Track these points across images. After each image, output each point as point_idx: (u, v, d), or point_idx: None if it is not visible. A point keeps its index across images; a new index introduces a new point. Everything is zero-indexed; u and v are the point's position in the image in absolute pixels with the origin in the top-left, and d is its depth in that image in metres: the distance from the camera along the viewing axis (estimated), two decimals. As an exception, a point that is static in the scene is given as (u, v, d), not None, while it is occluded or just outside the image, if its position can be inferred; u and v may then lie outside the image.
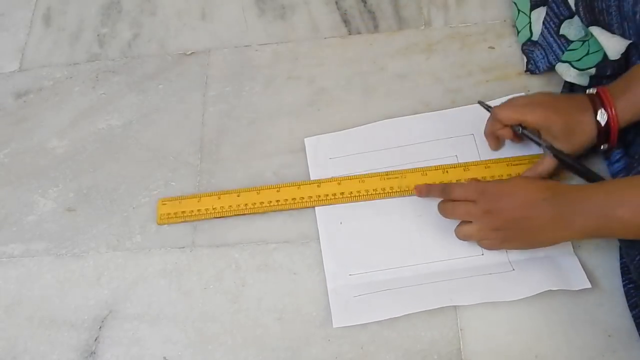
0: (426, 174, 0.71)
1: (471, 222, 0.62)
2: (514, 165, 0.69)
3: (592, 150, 0.65)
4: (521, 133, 0.65)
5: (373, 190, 0.71)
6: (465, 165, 0.71)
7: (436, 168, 0.71)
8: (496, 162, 0.70)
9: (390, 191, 0.70)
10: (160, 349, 0.67)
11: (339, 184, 0.72)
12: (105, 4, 0.93)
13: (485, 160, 0.71)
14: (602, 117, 0.60)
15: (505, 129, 0.67)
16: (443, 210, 0.65)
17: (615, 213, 0.53)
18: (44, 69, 0.88)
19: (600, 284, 0.63)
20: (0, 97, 0.87)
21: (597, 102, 0.61)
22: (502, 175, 0.69)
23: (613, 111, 0.60)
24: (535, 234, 0.59)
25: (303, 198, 0.71)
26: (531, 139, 0.65)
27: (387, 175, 0.71)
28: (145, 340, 0.68)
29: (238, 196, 0.73)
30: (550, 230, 0.58)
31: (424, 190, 0.68)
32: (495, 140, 0.70)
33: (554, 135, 0.63)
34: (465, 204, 0.63)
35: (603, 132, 0.61)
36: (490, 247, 0.64)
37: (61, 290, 0.72)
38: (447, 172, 0.71)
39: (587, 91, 0.63)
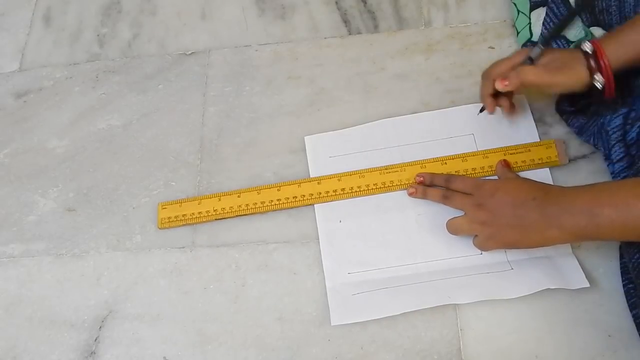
0: (425, 167, 0.71)
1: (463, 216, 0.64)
2: (510, 154, 0.70)
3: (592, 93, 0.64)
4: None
5: (373, 184, 0.71)
6: (464, 157, 0.71)
7: (435, 160, 0.71)
8: (494, 152, 0.71)
9: (391, 185, 0.71)
10: (160, 349, 0.67)
11: (339, 180, 0.72)
12: (105, 4, 0.93)
13: (484, 150, 0.71)
14: (587, 47, 0.62)
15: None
16: (443, 196, 0.67)
17: (603, 212, 0.53)
18: (44, 69, 0.88)
19: (600, 284, 0.63)
20: (0, 97, 0.87)
21: (582, 43, 0.62)
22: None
23: (600, 49, 0.61)
24: (523, 232, 0.59)
25: (304, 196, 0.71)
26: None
27: (386, 169, 0.72)
28: (145, 340, 0.68)
29: (238, 197, 0.73)
30: (538, 229, 0.58)
31: (428, 178, 0.69)
32: (492, 101, 0.69)
33: (551, 59, 0.64)
34: (461, 195, 0.65)
35: (592, 64, 0.62)
36: (480, 245, 0.64)
37: (61, 290, 0.72)
38: (445, 163, 0.71)
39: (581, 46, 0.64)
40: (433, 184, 0.69)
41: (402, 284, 0.65)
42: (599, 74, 0.62)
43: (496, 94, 0.68)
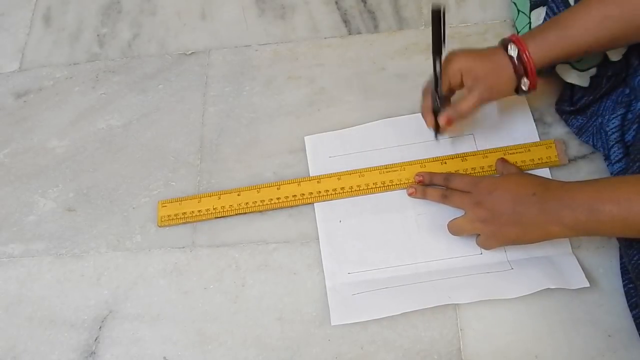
0: (425, 166, 0.71)
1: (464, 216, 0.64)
2: (510, 153, 0.70)
3: (517, 93, 0.65)
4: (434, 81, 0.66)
5: (373, 184, 0.71)
6: (463, 156, 0.71)
7: (434, 159, 0.71)
8: (493, 152, 0.71)
9: (390, 184, 0.71)
10: (160, 349, 0.67)
11: (338, 179, 0.72)
12: (105, 4, 0.93)
13: (483, 150, 0.71)
14: (512, 51, 0.62)
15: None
16: (442, 196, 0.67)
17: (604, 208, 0.53)
18: (44, 69, 0.88)
19: (600, 284, 0.63)
20: (0, 97, 0.87)
21: (506, 41, 0.63)
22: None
23: (524, 47, 0.62)
24: (524, 229, 0.59)
25: (303, 194, 0.72)
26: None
27: (386, 168, 0.72)
28: (145, 340, 0.68)
29: (238, 195, 0.73)
30: (538, 225, 0.57)
31: (427, 177, 0.69)
32: (432, 117, 0.69)
33: (477, 77, 0.64)
34: (460, 194, 0.64)
35: (519, 67, 0.62)
36: (483, 244, 0.64)
37: (61, 290, 0.72)
38: (445, 163, 0.71)
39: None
40: (432, 183, 0.69)
41: (402, 284, 0.65)
42: (525, 79, 0.63)
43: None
